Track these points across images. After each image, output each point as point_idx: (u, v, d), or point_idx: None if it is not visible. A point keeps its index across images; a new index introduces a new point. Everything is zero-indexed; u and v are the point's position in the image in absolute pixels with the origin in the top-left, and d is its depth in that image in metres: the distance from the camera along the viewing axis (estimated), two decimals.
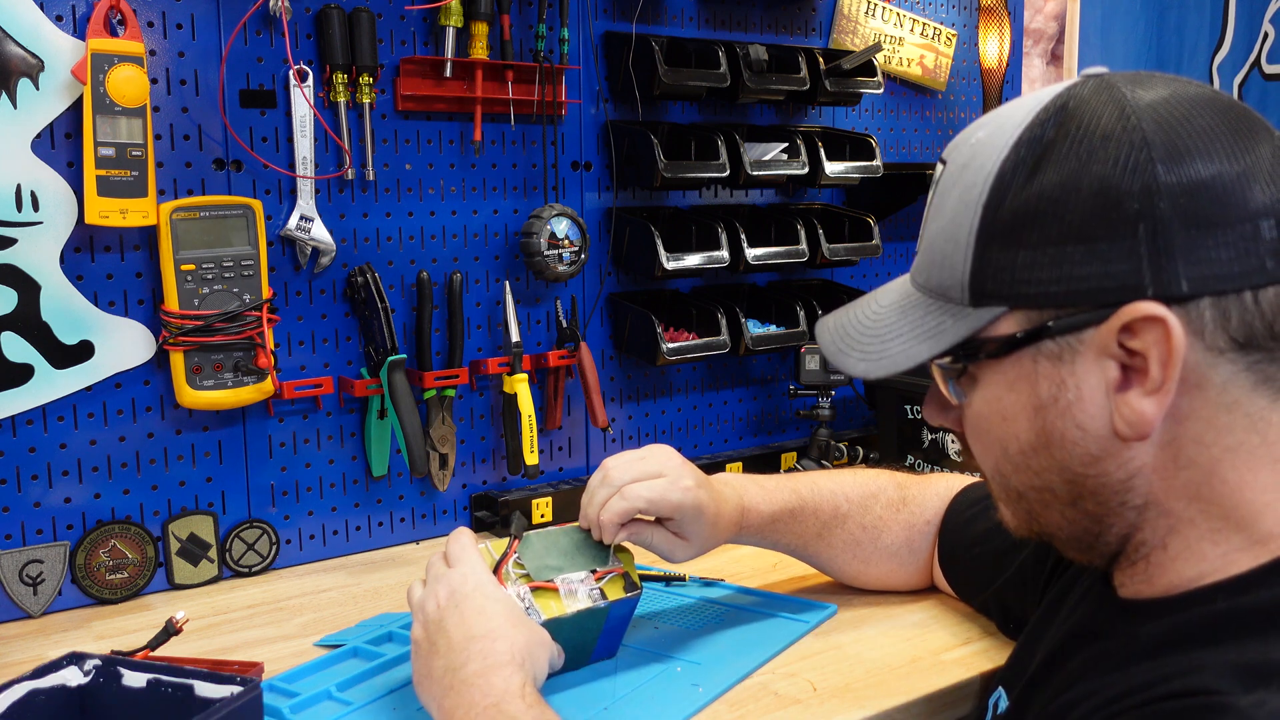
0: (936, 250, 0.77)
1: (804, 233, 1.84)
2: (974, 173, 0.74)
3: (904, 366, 0.78)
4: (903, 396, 1.86)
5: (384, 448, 1.56)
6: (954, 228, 0.75)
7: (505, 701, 0.89)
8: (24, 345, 1.31)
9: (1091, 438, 0.72)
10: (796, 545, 1.26)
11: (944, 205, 0.77)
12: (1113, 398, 0.70)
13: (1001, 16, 2.16)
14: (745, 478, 1.25)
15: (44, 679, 0.91)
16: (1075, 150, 0.70)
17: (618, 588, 1.10)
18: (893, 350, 0.80)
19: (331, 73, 1.47)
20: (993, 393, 0.76)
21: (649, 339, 1.71)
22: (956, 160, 0.77)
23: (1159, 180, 0.67)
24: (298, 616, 1.33)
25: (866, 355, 0.82)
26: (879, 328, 0.82)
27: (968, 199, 0.74)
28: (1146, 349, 0.68)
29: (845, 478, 1.28)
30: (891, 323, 0.81)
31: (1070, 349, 0.71)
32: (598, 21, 1.72)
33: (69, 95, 1.30)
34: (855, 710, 1.04)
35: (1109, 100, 0.71)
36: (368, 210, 1.53)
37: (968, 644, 1.18)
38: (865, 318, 0.85)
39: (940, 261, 0.77)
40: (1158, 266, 0.67)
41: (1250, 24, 2.74)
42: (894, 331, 0.80)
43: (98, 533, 1.37)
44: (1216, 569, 0.72)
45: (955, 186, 0.76)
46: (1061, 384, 0.72)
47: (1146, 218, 0.67)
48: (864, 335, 0.83)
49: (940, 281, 0.77)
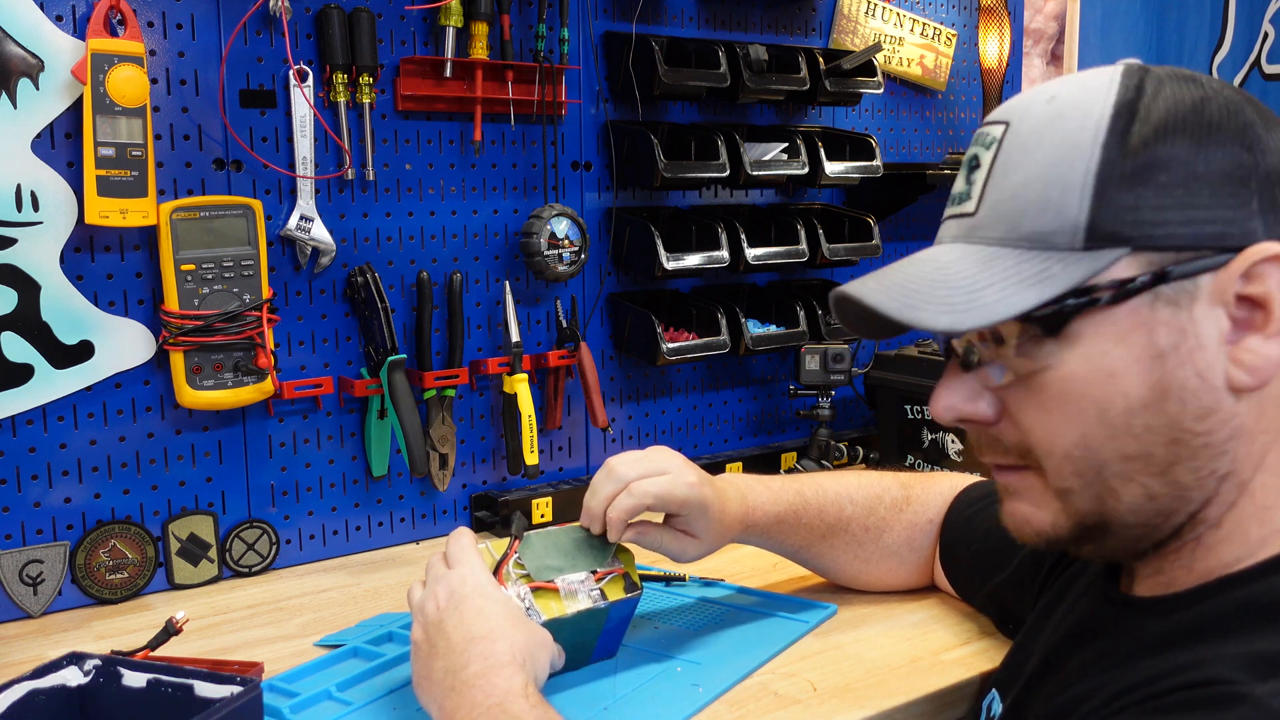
0: (1027, 199, 0.72)
1: (804, 233, 1.84)
2: (1079, 118, 0.71)
3: (1003, 316, 0.70)
4: (903, 396, 1.85)
5: (384, 448, 1.56)
6: (1056, 172, 0.71)
7: (508, 701, 0.89)
8: (24, 345, 1.31)
9: (1208, 388, 0.70)
10: (800, 546, 1.25)
11: (1027, 157, 0.73)
12: (1226, 347, 0.69)
13: (1001, 16, 2.16)
14: (749, 477, 1.24)
15: (44, 679, 0.91)
16: (1183, 104, 0.71)
17: (618, 588, 1.10)
18: (987, 299, 0.70)
19: (331, 73, 1.47)
20: (1097, 348, 0.71)
21: (649, 339, 1.71)
22: (1036, 115, 0.74)
23: (1260, 137, 0.70)
24: (298, 616, 1.33)
25: (951, 307, 0.71)
26: (958, 280, 0.73)
27: (1076, 141, 0.71)
28: (1268, 292, 0.68)
29: (850, 480, 1.27)
30: (973, 274, 0.72)
31: (1187, 295, 0.69)
32: (598, 21, 1.72)
33: (69, 95, 1.30)
34: (855, 710, 1.04)
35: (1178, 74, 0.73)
36: (368, 210, 1.53)
37: (967, 644, 1.18)
38: (931, 274, 0.75)
39: (1037, 209, 0.71)
40: (1267, 216, 0.69)
41: (1250, 24, 2.74)
42: (983, 281, 0.72)
43: (98, 533, 1.37)
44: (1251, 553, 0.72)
45: (1046, 135, 0.72)
46: (1182, 330, 0.69)
47: (1256, 170, 0.69)
48: (940, 288, 0.73)
49: (1037, 228, 0.71)
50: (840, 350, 1.82)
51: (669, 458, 1.16)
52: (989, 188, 0.75)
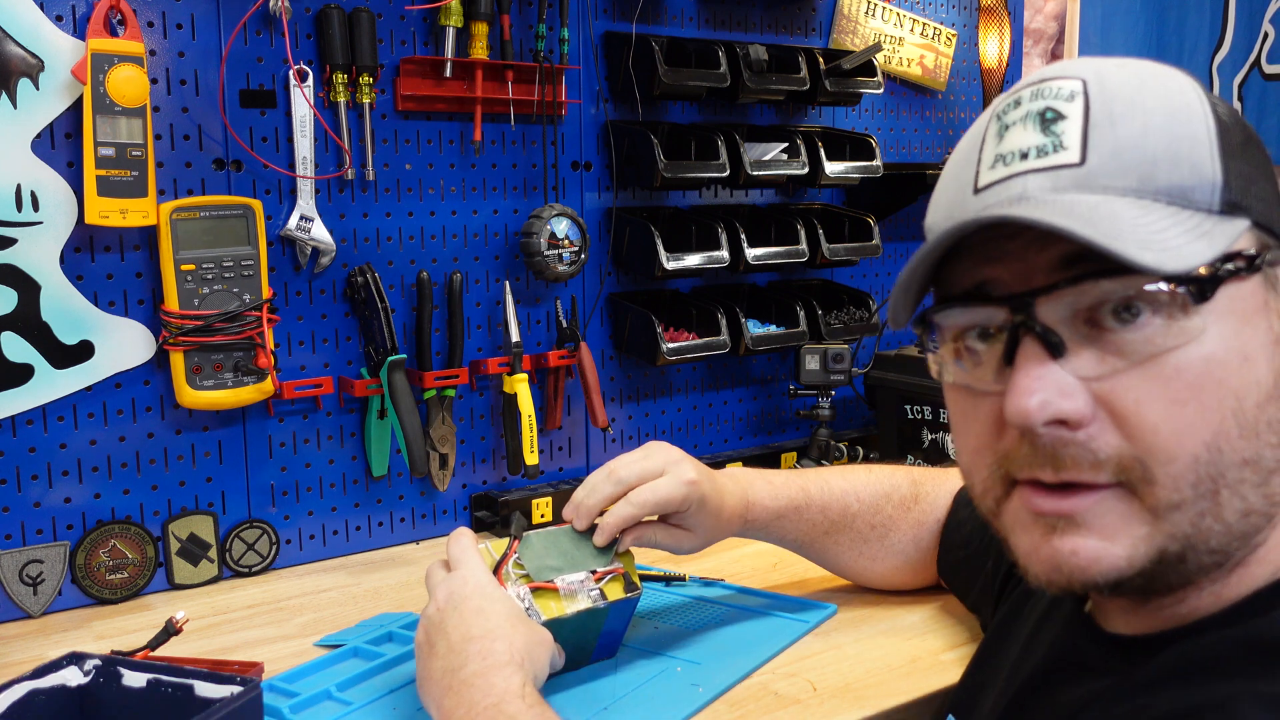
0: (1155, 150, 0.63)
1: (804, 233, 1.84)
2: (1168, 79, 0.66)
3: (1201, 261, 0.60)
4: (903, 396, 1.86)
5: (384, 448, 1.56)
6: (1180, 126, 0.63)
7: (505, 701, 0.89)
8: (24, 345, 1.31)
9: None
10: (803, 541, 1.24)
11: (1134, 108, 0.64)
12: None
13: (1001, 16, 2.16)
14: (753, 472, 1.23)
15: (44, 679, 0.91)
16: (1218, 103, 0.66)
17: (618, 588, 1.10)
18: (1174, 243, 0.60)
19: (331, 73, 1.47)
20: (1230, 327, 0.62)
21: (649, 339, 1.71)
22: (1113, 74, 0.66)
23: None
24: (298, 616, 1.33)
25: (1147, 244, 0.59)
26: (1130, 222, 0.61)
27: (1186, 100, 0.64)
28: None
29: (858, 476, 1.25)
30: (1140, 219, 0.61)
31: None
32: (598, 21, 1.72)
33: (69, 95, 1.30)
34: (855, 710, 1.04)
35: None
36: (368, 210, 1.53)
37: (968, 644, 1.18)
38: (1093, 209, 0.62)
39: (1170, 162, 0.63)
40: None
41: (1250, 24, 2.74)
42: (1158, 226, 0.61)
43: (98, 533, 1.37)
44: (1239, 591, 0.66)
45: (1147, 88, 0.65)
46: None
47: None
48: (1122, 223, 0.61)
49: (1176, 181, 0.62)
50: (840, 350, 1.82)
51: (667, 455, 1.15)
52: (1094, 137, 0.64)
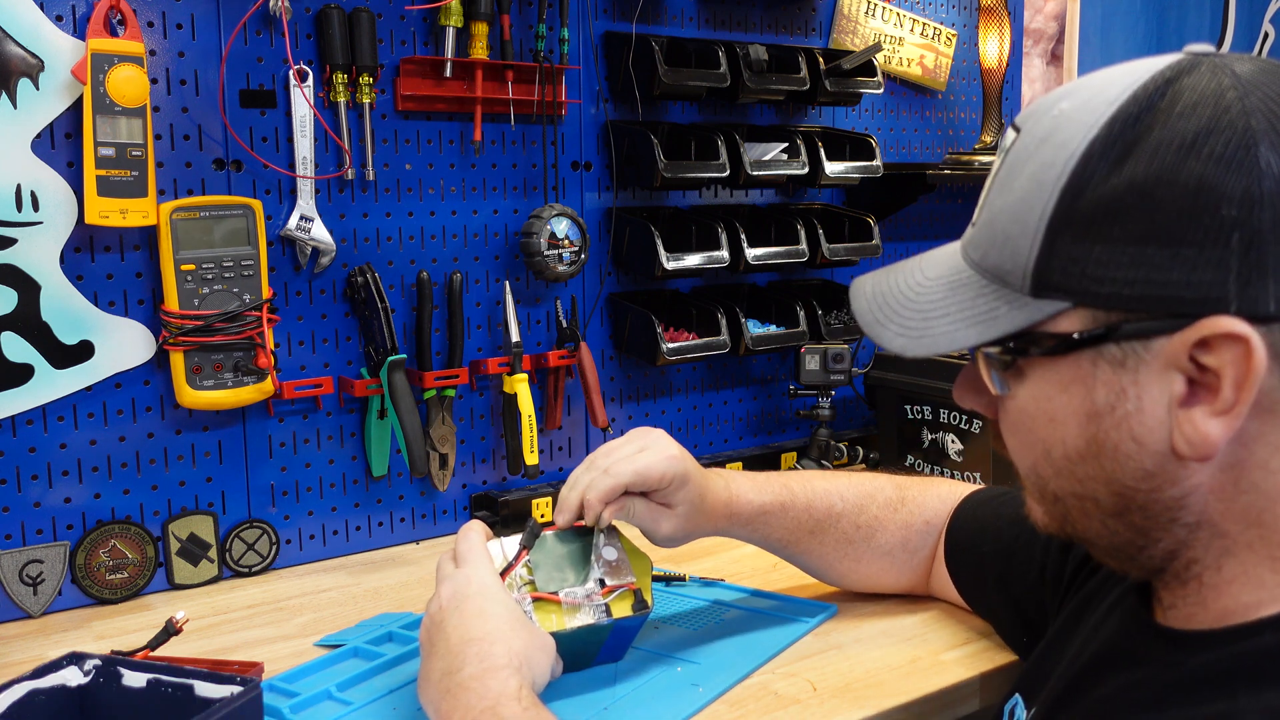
0: (999, 229, 0.71)
1: (804, 233, 1.84)
2: (1055, 150, 0.68)
3: (946, 349, 0.73)
4: (903, 397, 1.85)
5: (384, 448, 1.56)
6: (1023, 208, 0.69)
7: (501, 705, 0.88)
8: (24, 345, 1.31)
9: (1148, 453, 0.67)
10: (787, 540, 1.23)
11: (1013, 180, 0.70)
12: (1175, 413, 0.65)
13: (1001, 16, 2.15)
14: (736, 471, 1.24)
15: (44, 679, 0.91)
16: (1174, 139, 0.64)
17: (626, 605, 1.08)
18: (937, 330, 0.73)
19: (331, 73, 1.47)
20: (1042, 391, 0.71)
21: (649, 339, 1.71)
22: (1034, 131, 0.70)
23: (1262, 186, 0.61)
24: (298, 616, 1.33)
25: (906, 330, 0.75)
26: (923, 302, 0.75)
27: (1044, 179, 0.68)
28: (1221, 367, 0.62)
29: (841, 478, 1.26)
30: (938, 299, 0.75)
31: (1135, 356, 0.65)
32: (598, 21, 1.72)
33: (69, 95, 1.30)
34: (855, 710, 1.04)
35: (1217, 86, 0.65)
36: (368, 210, 1.53)
37: (967, 644, 1.18)
38: (909, 288, 0.78)
39: (1002, 242, 0.70)
40: (1245, 281, 0.61)
41: (1250, 24, 2.74)
42: (940, 309, 0.74)
43: (98, 533, 1.37)
44: (1276, 598, 0.67)
45: (1030, 161, 0.69)
46: (1121, 392, 0.66)
47: (1243, 226, 0.61)
48: (905, 308, 0.76)
49: (999, 263, 0.71)
50: (840, 350, 1.82)
51: (648, 434, 1.15)
52: (985, 199, 0.74)
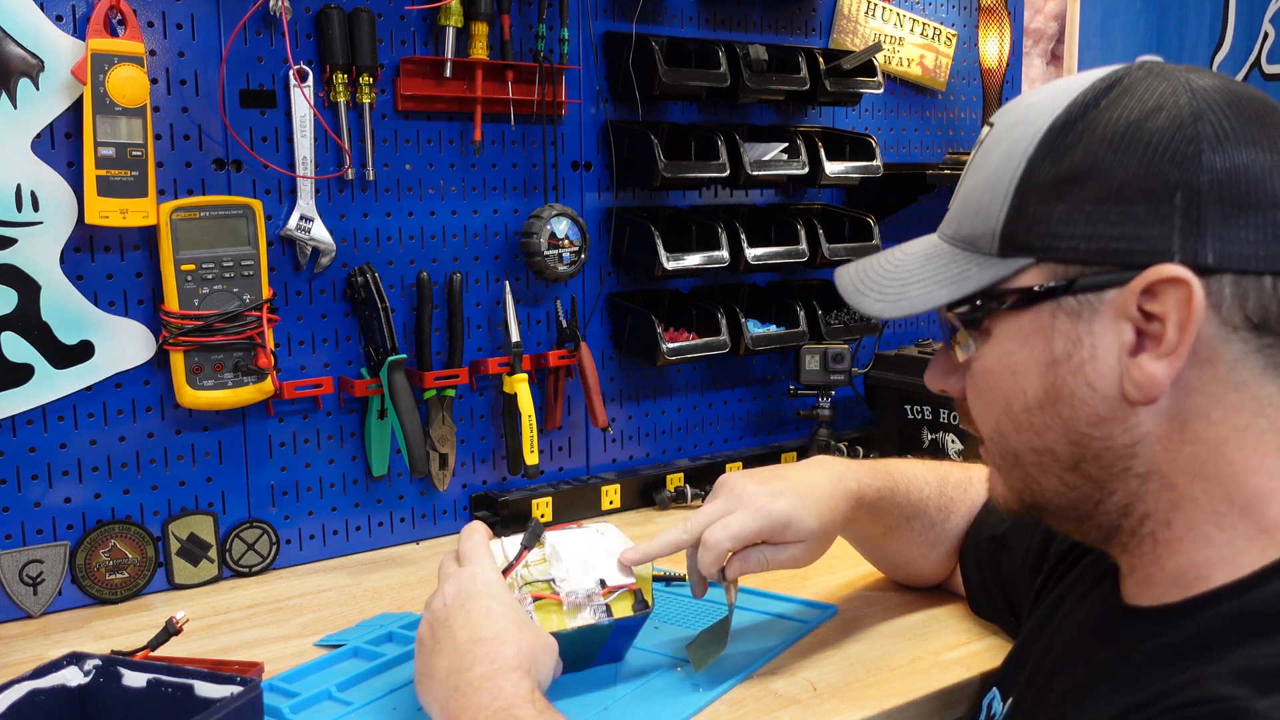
0: (971, 202, 0.78)
1: (804, 233, 1.84)
2: (1023, 129, 0.76)
3: (920, 309, 0.79)
4: (903, 396, 1.86)
5: (384, 448, 1.56)
6: (994, 180, 0.76)
7: (515, 706, 0.89)
8: (24, 345, 1.31)
9: (1100, 398, 0.73)
10: (891, 526, 1.21)
11: (986, 161, 0.78)
12: (1125, 360, 0.71)
13: (1001, 16, 2.15)
14: (831, 459, 1.20)
15: (44, 679, 0.91)
16: (1128, 116, 0.72)
17: (626, 605, 1.08)
18: (912, 293, 0.81)
19: (331, 73, 1.47)
20: (1005, 347, 0.77)
21: (649, 339, 1.71)
22: (1005, 120, 0.79)
23: (1203, 155, 0.69)
24: (298, 616, 1.33)
25: (884, 296, 0.83)
26: (900, 272, 0.83)
27: (1013, 153, 0.75)
28: (1166, 312, 0.69)
29: (917, 463, 1.25)
30: (914, 268, 0.82)
31: (1090, 307, 0.72)
32: (598, 21, 1.72)
33: (69, 95, 1.30)
34: (855, 710, 1.04)
35: (1164, 79, 0.73)
36: (368, 210, 1.53)
37: (967, 644, 1.18)
38: (888, 264, 0.86)
39: (974, 212, 0.78)
40: (1187, 235, 0.69)
41: (1250, 24, 2.74)
42: (915, 276, 0.81)
43: (98, 533, 1.37)
44: (1224, 557, 0.72)
45: (1001, 142, 0.77)
46: (1077, 341, 0.73)
47: (1185, 188, 0.69)
48: (884, 278, 0.84)
49: (970, 231, 0.78)
50: (840, 350, 1.82)
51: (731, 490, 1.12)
52: (960, 186, 0.82)
